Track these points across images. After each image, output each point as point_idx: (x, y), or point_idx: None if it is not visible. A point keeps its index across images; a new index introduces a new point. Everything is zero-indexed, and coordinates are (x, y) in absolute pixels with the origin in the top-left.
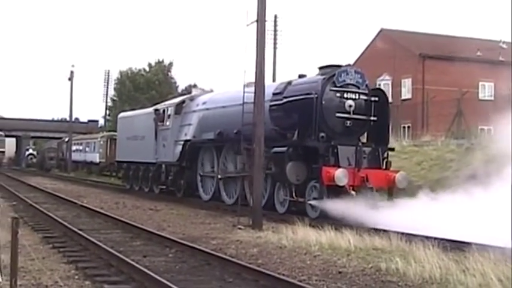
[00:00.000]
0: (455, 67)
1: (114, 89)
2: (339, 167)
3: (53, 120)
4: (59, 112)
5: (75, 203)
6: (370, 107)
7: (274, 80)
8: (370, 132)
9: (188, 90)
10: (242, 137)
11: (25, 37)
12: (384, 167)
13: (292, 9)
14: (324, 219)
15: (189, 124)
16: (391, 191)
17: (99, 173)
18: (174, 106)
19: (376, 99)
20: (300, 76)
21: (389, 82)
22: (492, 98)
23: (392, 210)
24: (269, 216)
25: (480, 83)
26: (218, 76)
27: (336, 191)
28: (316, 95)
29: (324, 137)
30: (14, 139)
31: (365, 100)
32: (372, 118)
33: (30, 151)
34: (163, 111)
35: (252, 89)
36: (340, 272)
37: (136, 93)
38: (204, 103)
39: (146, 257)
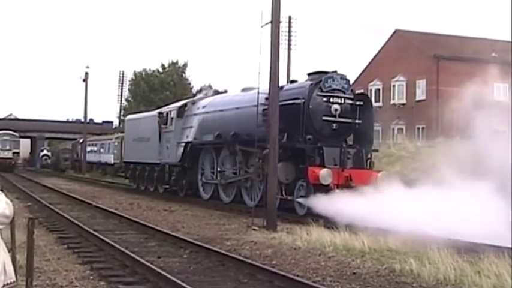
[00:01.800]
0: (470, 68)
1: (129, 89)
2: (324, 167)
3: (67, 121)
4: (74, 113)
5: (90, 204)
6: (355, 110)
7: (288, 82)
8: (355, 135)
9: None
10: (241, 139)
11: (40, 38)
12: (368, 167)
13: (307, 10)
14: (312, 216)
15: (191, 127)
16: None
17: (113, 174)
18: (177, 109)
19: (361, 103)
20: (292, 82)
21: (404, 83)
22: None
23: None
24: (284, 218)
25: (495, 84)
26: (233, 77)
27: (322, 189)
28: (303, 100)
29: (310, 139)
30: (28, 140)
31: (350, 104)
32: (356, 121)
33: (45, 152)
34: (167, 114)
35: (250, 92)
36: (354, 273)
37: (151, 94)
38: (204, 107)
39: (161, 258)
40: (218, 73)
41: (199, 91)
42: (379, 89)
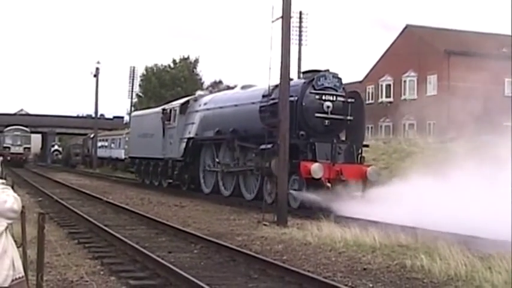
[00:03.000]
0: (481, 63)
1: (140, 85)
2: (316, 161)
3: (78, 117)
4: (85, 108)
5: (101, 199)
6: (347, 108)
7: (299, 78)
8: (347, 131)
9: (213, 86)
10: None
11: (51, 34)
12: (359, 161)
13: (318, 5)
14: (306, 209)
15: (192, 123)
16: (364, 183)
17: (124, 169)
18: (179, 106)
19: (353, 100)
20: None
21: (415, 79)
22: None
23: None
24: (294, 213)
25: (506, 80)
26: (243, 72)
27: (314, 183)
28: (296, 98)
29: (303, 135)
30: (39, 135)
31: (342, 102)
32: (348, 118)
33: (56, 147)
34: (170, 110)
35: (248, 90)
36: (365, 269)
37: (162, 90)
38: (205, 103)
39: (171, 253)
40: (229, 69)
41: (210, 87)
42: (390, 85)
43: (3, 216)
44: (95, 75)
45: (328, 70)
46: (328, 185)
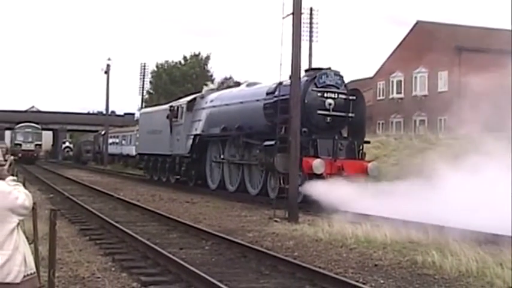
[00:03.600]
0: (492, 60)
1: (150, 82)
2: (318, 157)
3: (89, 113)
4: (95, 105)
5: (112, 196)
6: (348, 105)
7: None
8: (349, 127)
9: (224, 83)
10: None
11: (62, 31)
12: (360, 157)
13: (328, 1)
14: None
15: (199, 120)
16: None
17: (135, 166)
18: (186, 103)
19: (354, 98)
20: (290, 77)
21: (426, 75)
22: None
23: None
24: (305, 209)
25: None
26: (254, 69)
27: (316, 178)
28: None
29: (306, 131)
30: (50, 132)
31: (344, 99)
32: (350, 115)
33: (67, 144)
34: (177, 108)
35: (253, 87)
36: (376, 265)
37: (172, 87)
38: (211, 101)
39: (182, 250)
40: (240, 65)
41: (221, 83)
42: (400, 81)
43: (15, 212)
44: (105, 72)
45: (329, 68)
46: (330, 180)
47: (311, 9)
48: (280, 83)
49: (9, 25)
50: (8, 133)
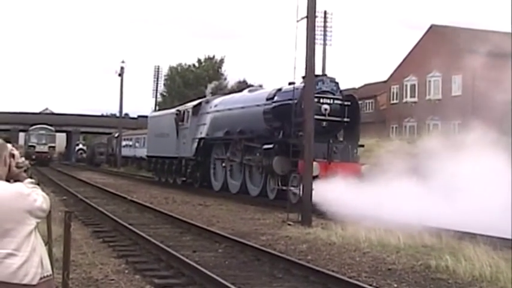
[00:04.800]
0: (506, 64)
1: (164, 84)
2: (314, 160)
3: (102, 116)
4: (109, 107)
5: (125, 198)
6: (343, 110)
7: None
8: (345, 132)
9: (238, 86)
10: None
11: (76, 33)
12: (354, 160)
13: (342, 5)
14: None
15: (204, 124)
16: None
17: (148, 169)
18: (192, 108)
19: (349, 103)
20: (290, 83)
21: (440, 79)
22: None
23: None
24: (318, 213)
25: None
26: (268, 72)
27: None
28: (296, 101)
29: (302, 135)
30: (64, 134)
31: (339, 105)
32: (345, 120)
33: (80, 146)
34: (183, 112)
35: (255, 93)
36: (389, 269)
37: (186, 89)
38: (215, 105)
39: (196, 252)
40: (254, 68)
41: (235, 86)
42: (414, 85)
43: (33, 215)
44: (119, 75)
45: (325, 75)
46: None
47: (325, 12)
48: (279, 89)
49: (24, 28)
50: (21, 135)
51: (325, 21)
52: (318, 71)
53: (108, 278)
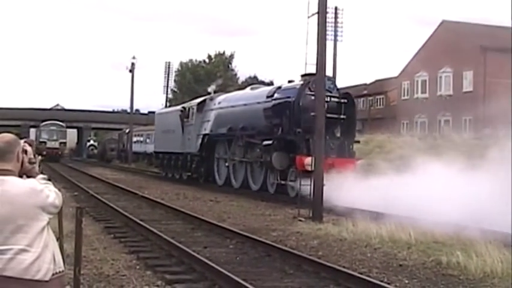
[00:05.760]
0: None
1: (175, 80)
2: (310, 155)
3: (113, 112)
4: (120, 103)
5: (136, 194)
6: (340, 107)
7: (334, 73)
8: (341, 128)
9: (248, 82)
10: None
11: (87, 29)
12: (350, 156)
13: (352, 1)
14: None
15: (208, 120)
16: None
17: (155, 164)
18: (196, 105)
19: (345, 101)
20: (289, 81)
21: (451, 74)
22: None
23: None
24: (329, 209)
25: None
26: (279, 68)
27: (309, 175)
28: (293, 99)
29: (300, 132)
30: (75, 130)
31: (336, 102)
32: (341, 117)
33: (91, 142)
34: (189, 109)
35: (256, 90)
36: (400, 265)
37: (196, 85)
38: (219, 102)
39: (207, 248)
40: (264, 64)
41: (246, 82)
42: (425, 80)
43: (45, 210)
44: (130, 71)
45: None
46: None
47: (336, 8)
48: (279, 87)
49: (35, 24)
50: (32, 131)
51: (335, 17)
52: (329, 66)
53: (120, 274)
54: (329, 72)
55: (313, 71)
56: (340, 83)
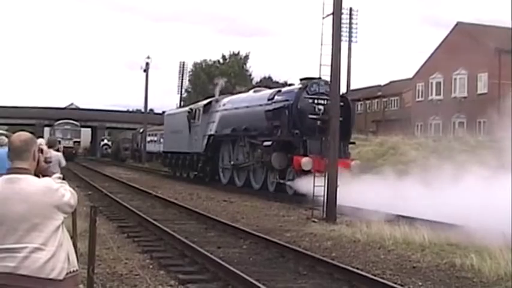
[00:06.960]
0: None
1: (189, 80)
2: (307, 156)
3: (127, 111)
4: (134, 102)
5: (150, 194)
6: None
7: (349, 74)
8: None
9: (263, 82)
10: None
11: (102, 28)
12: (345, 156)
13: (367, 2)
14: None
15: (213, 121)
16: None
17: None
18: (203, 106)
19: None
20: (289, 85)
21: (465, 76)
22: None
23: None
24: (342, 210)
25: None
26: (293, 69)
27: (305, 174)
28: (291, 102)
29: (298, 133)
30: (89, 129)
31: None
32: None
33: (105, 141)
34: (195, 110)
35: (259, 93)
36: (414, 267)
37: (211, 85)
38: (224, 104)
39: (220, 248)
40: (279, 65)
41: (260, 83)
42: (440, 82)
43: (61, 210)
44: (144, 70)
45: (320, 78)
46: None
47: (350, 9)
48: (279, 91)
49: (51, 23)
50: (47, 130)
51: (350, 18)
52: (343, 68)
53: (133, 273)
54: (343, 73)
55: (328, 72)
56: (355, 84)
